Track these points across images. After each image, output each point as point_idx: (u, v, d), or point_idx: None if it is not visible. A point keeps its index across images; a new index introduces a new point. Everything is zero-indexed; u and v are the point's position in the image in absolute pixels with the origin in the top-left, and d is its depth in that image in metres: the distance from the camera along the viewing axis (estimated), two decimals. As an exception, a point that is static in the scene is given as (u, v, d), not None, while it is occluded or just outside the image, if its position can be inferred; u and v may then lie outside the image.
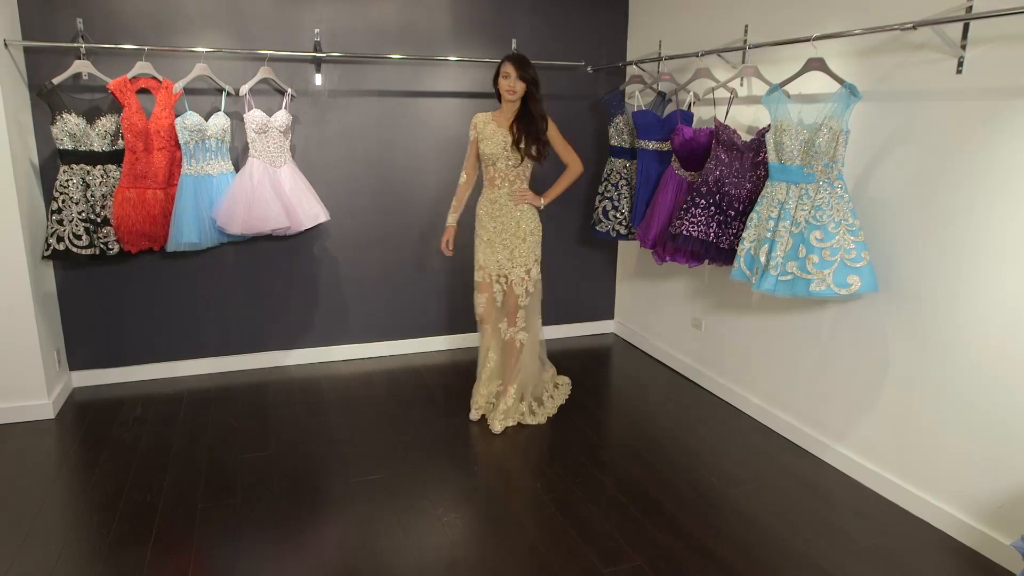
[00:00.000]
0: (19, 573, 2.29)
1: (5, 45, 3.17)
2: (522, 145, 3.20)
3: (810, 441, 3.18)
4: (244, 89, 3.61)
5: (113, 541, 2.47)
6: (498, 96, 3.24)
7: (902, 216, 2.67)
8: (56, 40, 3.41)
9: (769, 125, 2.90)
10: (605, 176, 4.12)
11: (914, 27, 2.42)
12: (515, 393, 3.42)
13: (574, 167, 3.36)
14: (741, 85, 3.43)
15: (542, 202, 3.34)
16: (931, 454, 2.63)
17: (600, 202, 4.13)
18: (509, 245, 3.30)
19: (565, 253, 4.70)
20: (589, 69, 4.38)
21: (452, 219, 3.41)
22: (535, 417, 3.47)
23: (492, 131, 3.23)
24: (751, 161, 3.13)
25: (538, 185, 3.44)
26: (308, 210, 3.71)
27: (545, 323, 4.82)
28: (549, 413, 3.53)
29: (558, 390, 3.78)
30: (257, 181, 3.58)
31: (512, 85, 3.15)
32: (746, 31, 3.36)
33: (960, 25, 2.38)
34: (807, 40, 2.79)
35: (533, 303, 3.42)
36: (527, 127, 3.20)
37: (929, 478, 2.65)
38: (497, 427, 3.33)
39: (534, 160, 3.26)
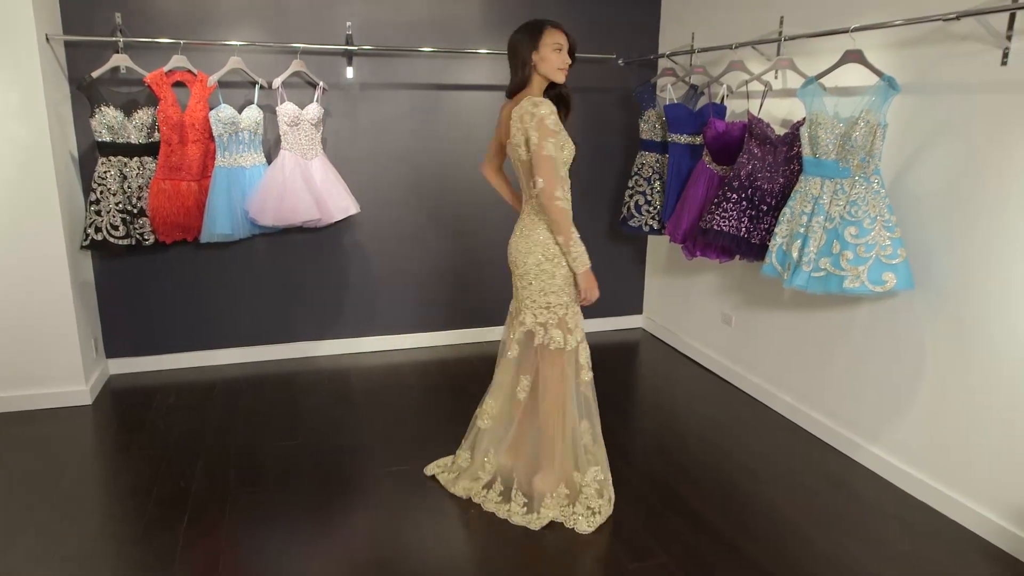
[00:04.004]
0: (57, 555, 2.36)
1: (47, 40, 3.24)
2: None
3: (842, 440, 3.13)
4: (277, 82, 3.65)
5: (147, 524, 2.52)
6: (524, 78, 2.35)
7: (941, 213, 2.60)
8: (95, 34, 3.48)
9: (804, 119, 2.85)
10: (636, 170, 4.08)
11: (957, 17, 2.36)
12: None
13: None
14: (776, 78, 3.37)
15: None
16: (968, 456, 2.57)
17: (631, 197, 4.09)
18: None
19: (593, 247, 4.65)
20: (620, 62, 4.34)
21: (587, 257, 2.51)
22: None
23: (563, 127, 2.35)
24: (784, 155, 3.08)
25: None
26: (338, 202, 3.75)
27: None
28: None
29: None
30: (289, 173, 3.62)
31: (567, 61, 2.30)
32: (781, 23, 3.30)
33: (1006, 15, 2.30)
34: (845, 31, 2.73)
35: None
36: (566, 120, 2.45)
37: (965, 481, 2.59)
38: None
39: None
